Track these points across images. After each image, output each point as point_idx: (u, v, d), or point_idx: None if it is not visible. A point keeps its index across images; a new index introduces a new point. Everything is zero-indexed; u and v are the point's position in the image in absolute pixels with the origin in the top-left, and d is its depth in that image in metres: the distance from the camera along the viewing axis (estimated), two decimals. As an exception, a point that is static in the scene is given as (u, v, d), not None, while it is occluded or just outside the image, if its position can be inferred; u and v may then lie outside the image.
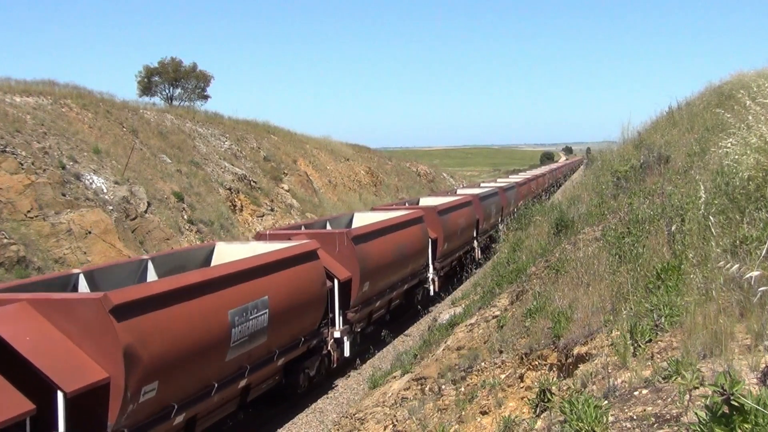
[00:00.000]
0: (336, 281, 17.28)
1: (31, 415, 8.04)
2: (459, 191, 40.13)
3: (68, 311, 9.17)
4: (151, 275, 13.36)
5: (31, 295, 9.63)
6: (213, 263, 15.20)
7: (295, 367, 15.39)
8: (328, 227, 21.08)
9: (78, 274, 11.98)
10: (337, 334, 17.00)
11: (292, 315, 14.09)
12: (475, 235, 30.98)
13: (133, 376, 9.20)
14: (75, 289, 11.67)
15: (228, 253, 15.23)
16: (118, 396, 8.99)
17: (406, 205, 29.13)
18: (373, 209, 27.31)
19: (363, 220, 22.52)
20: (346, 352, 17.26)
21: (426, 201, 31.25)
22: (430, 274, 24.50)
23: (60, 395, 8.40)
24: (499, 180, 55.34)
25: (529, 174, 64.59)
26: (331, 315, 16.78)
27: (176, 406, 10.47)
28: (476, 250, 31.27)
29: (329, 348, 16.78)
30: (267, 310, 13.02)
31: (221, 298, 11.62)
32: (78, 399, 8.55)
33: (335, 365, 17.16)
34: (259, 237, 18.71)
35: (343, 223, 22.45)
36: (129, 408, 9.23)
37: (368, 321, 19.61)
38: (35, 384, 8.32)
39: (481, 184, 46.74)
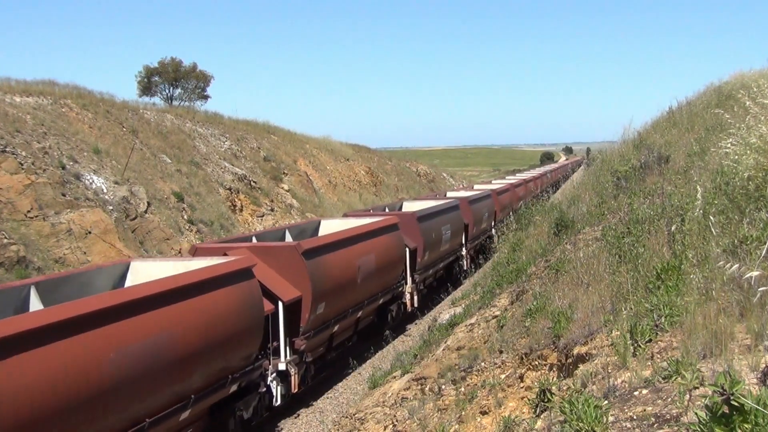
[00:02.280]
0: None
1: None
2: (449, 194, 36.78)
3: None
4: (35, 305, 10.97)
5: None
6: (128, 284, 12.68)
7: (225, 409, 12.64)
8: (288, 238, 18.56)
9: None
10: (282, 366, 14.25)
11: (212, 351, 11.41)
12: (463, 242, 28.32)
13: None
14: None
15: (144, 273, 12.81)
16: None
17: (386, 210, 26.09)
18: (345, 215, 24.12)
19: (330, 228, 19.65)
20: (294, 388, 14.44)
21: (410, 205, 27.98)
22: (408, 288, 21.72)
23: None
24: (494, 181, 52.13)
25: (526, 175, 62.74)
26: (275, 343, 14.16)
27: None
28: (465, 259, 28.60)
29: (271, 383, 13.97)
30: (176, 349, 10.43)
31: (99, 337, 9.01)
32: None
33: (279, 403, 14.29)
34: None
35: (309, 232, 19.88)
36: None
37: (329, 346, 16.96)
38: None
39: (475, 186, 44.38)
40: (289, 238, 18.50)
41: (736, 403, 2.69)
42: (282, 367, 14.27)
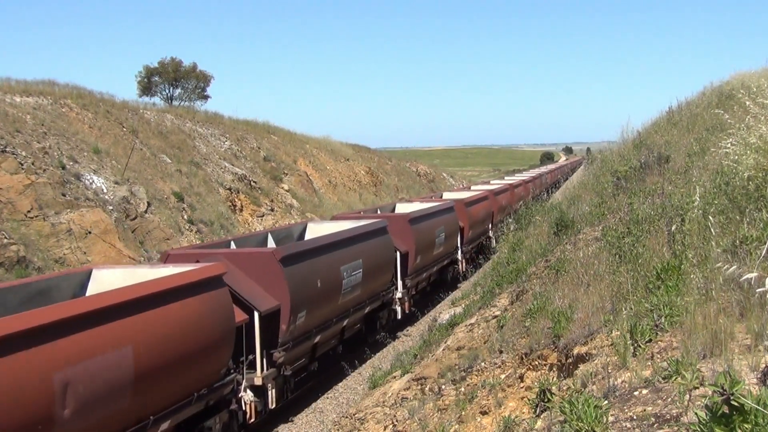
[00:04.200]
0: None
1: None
2: (445, 195, 35.96)
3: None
4: (271, 243, 15.44)
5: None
6: (89, 293, 11.85)
7: (192, 430, 11.71)
8: (270, 242, 17.54)
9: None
10: (257, 381, 13.25)
11: (176, 366, 10.53)
12: (459, 245, 27.52)
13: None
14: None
15: (107, 281, 12.03)
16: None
17: (378, 212, 25.27)
18: (333, 218, 22.86)
19: (317, 231, 18.97)
20: (271, 404, 13.65)
21: (403, 207, 27.21)
22: (398, 294, 20.86)
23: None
24: (492, 182, 50.84)
25: (526, 175, 61.96)
26: (251, 356, 13.26)
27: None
28: (461, 263, 27.77)
29: (244, 400, 13.03)
30: (131, 367, 9.48)
31: (44, 354, 8.06)
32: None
33: (253, 420, 13.31)
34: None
35: (295, 236, 19.01)
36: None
37: (311, 357, 16.09)
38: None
39: (472, 187, 43.27)
40: (271, 242, 17.43)
41: (736, 403, 2.69)
42: (258, 381, 13.21)
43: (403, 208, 26.46)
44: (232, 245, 16.05)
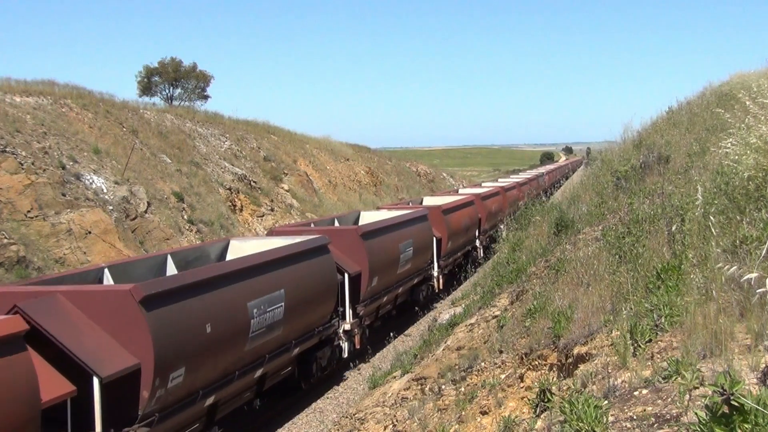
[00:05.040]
0: (346, 275, 16.55)
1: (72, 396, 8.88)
2: (461, 191, 39.60)
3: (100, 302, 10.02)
4: (171, 269, 13.98)
5: (65, 287, 10.38)
6: (229, 257, 15.65)
7: (309, 357, 16.00)
8: (336, 223, 21.65)
9: (103, 268, 12.50)
10: (347, 327, 17.41)
11: (308, 305, 14.75)
12: (477, 234, 30.52)
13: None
14: (101, 282, 12.17)
15: (240, 249, 16.04)
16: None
17: (410, 204, 28.89)
18: (378, 208, 27.52)
19: (369, 218, 22.88)
20: (357, 344, 17.87)
21: (429, 200, 31.07)
22: (435, 272, 24.39)
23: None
24: (500, 180, 53.96)
25: (529, 174, 63.86)
26: (341, 309, 17.14)
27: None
28: (479, 249, 31.00)
29: (341, 338, 17.32)
30: (283, 302, 13.59)
31: (241, 289, 12.41)
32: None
33: (347, 356, 17.62)
34: (271, 233, 19.54)
35: (350, 221, 22.75)
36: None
37: (376, 316, 19.95)
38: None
39: (483, 184, 45.65)
40: (337, 223, 21.79)
41: (736, 403, 2.69)
42: (347, 327, 17.43)
43: (429, 201, 29.52)
44: (336, 222, 21.15)
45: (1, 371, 8.14)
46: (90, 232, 21.90)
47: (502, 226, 25.38)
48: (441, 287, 24.90)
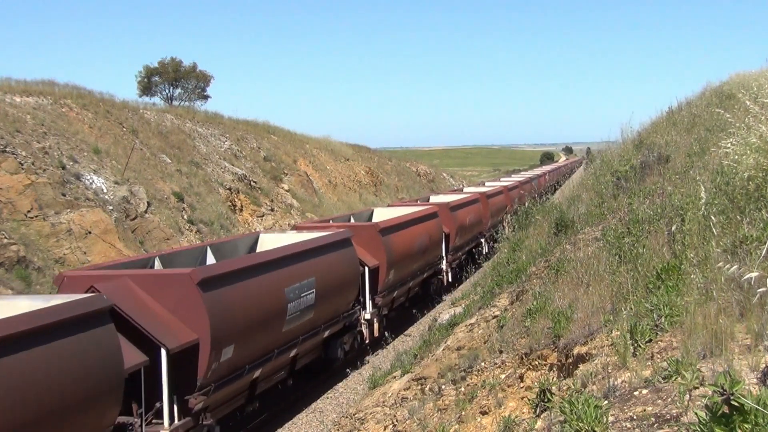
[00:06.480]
0: (366, 268, 18.27)
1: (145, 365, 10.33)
2: (466, 189, 40.60)
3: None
4: (211, 259, 15.24)
5: (132, 271, 12.13)
6: (259, 250, 16.88)
7: (334, 342, 17.38)
8: (352, 220, 23.23)
9: (154, 257, 14.30)
10: (367, 316, 18.91)
11: (335, 291, 16.18)
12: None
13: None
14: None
15: (269, 242, 17.19)
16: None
17: (418, 202, 30.07)
18: (389, 205, 29.12)
19: (382, 215, 24.28)
20: (375, 332, 19.27)
21: (436, 198, 31.96)
22: (444, 266, 25.74)
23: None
24: (502, 179, 54.36)
25: (530, 173, 64.32)
26: (362, 299, 18.64)
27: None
28: (484, 245, 31.93)
29: (362, 326, 18.86)
30: (314, 289, 15.04)
31: (278, 276, 13.81)
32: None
33: (368, 342, 19.21)
34: (295, 228, 20.24)
35: (365, 218, 23.98)
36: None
37: (391, 307, 21.23)
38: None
39: (486, 183, 46.54)
40: (352, 221, 22.97)
41: (736, 403, 2.69)
42: (367, 316, 18.92)
43: (436, 199, 29.98)
44: (352, 219, 22.21)
45: (94, 342, 9.38)
46: (90, 232, 21.90)
47: (504, 224, 26.22)
48: (449, 280, 27.14)
